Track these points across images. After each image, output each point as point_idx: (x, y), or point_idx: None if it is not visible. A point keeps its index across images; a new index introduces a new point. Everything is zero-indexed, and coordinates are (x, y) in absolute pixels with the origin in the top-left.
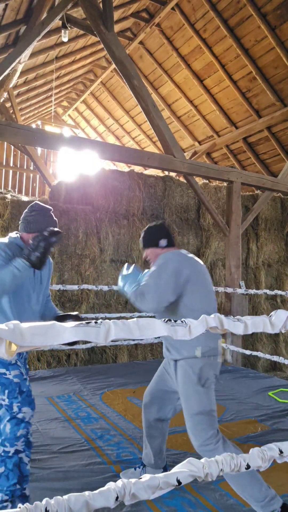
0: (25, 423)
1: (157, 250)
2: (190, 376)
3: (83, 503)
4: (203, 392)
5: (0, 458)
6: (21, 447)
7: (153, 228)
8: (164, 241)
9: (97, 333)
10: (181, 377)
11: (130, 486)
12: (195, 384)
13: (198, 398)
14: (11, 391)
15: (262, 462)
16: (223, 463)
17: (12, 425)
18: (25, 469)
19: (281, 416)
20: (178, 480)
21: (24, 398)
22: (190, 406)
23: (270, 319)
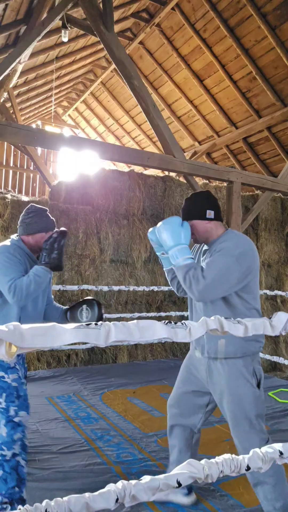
0: (21, 427)
1: (203, 224)
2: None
3: (83, 505)
4: (260, 394)
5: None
6: (18, 450)
7: (198, 196)
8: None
9: (97, 335)
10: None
11: (130, 487)
12: (251, 385)
13: (255, 400)
14: (9, 395)
15: (263, 463)
16: (223, 465)
17: (9, 428)
18: (22, 472)
19: (281, 416)
20: (178, 482)
21: (21, 402)
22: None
23: (271, 321)
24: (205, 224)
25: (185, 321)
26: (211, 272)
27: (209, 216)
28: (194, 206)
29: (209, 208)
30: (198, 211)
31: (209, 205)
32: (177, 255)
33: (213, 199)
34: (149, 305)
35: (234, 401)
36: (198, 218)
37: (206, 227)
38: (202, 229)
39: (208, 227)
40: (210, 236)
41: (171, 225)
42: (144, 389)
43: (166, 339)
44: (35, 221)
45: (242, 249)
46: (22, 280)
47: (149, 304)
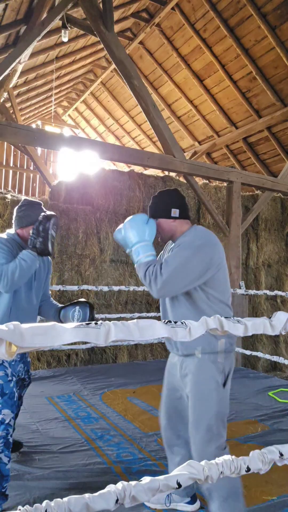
0: (5, 425)
1: (168, 222)
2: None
3: (83, 505)
4: (223, 394)
5: None
6: (0, 448)
7: (164, 195)
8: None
9: (97, 334)
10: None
11: (130, 488)
12: (216, 383)
13: (218, 400)
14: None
15: (263, 464)
16: (223, 466)
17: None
18: (5, 469)
19: (281, 416)
20: (178, 483)
21: (5, 400)
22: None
23: (270, 320)
24: (170, 223)
25: (185, 321)
26: (168, 267)
27: (174, 215)
28: (159, 204)
29: (174, 206)
30: (163, 210)
31: (174, 204)
32: (139, 251)
33: (178, 197)
34: (149, 305)
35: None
36: (163, 216)
37: (171, 226)
38: (167, 228)
39: (173, 226)
40: (175, 234)
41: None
42: (144, 389)
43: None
44: (27, 214)
45: (200, 242)
46: (9, 265)
47: (149, 304)
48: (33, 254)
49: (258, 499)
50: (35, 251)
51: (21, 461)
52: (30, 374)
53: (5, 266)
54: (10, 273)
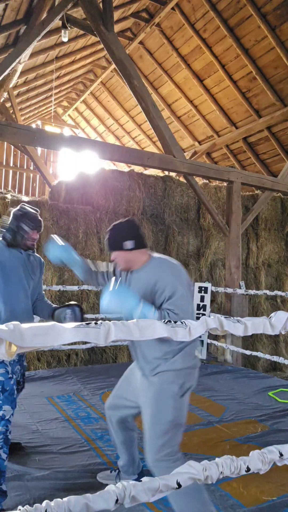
0: (4, 421)
1: (123, 254)
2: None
3: (83, 505)
4: (181, 402)
5: None
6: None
7: (117, 228)
8: (131, 243)
9: (97, 334)
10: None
11: (130, 488)
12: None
13: (175, 406)
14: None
15: (263, 465)
16: (223, 466)
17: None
18: (3, 465)
19: (281, 416)
20: (178, 483)
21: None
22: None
23: (270, 320)
24: (126, 255)
25: (185, 320)
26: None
27: (128, 247)
28: (113, 238)
29: (127, 238)
30: (118, 242)
31: (127, 236)
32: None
33: (132, 228)
34: None
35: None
36: (118, 249)
37: (128, 257)
38: (123, 260)
39: (130, 257)
40: (133, 265)
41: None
42: None
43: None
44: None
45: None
46: None
47: None
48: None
49: (258, 499)
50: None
51: (21, 462)
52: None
53: None
54: None
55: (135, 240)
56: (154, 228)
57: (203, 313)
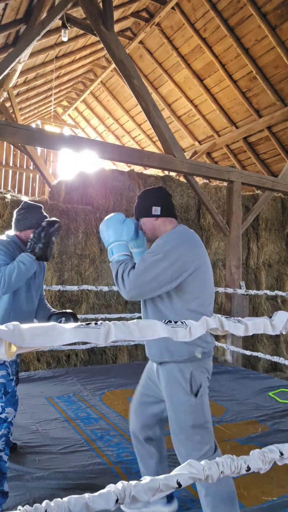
0: (7, 423)
1: (150, 221)
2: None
3: (83, 505)
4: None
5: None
6: (1, 446)
7: (146, 194)
8: (158, 209)
9: (97, 334)
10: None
11: (130, 488)
12: (186, 393)
13: (191, 410)
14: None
15: (263, 464)
16: (223, 465)
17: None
18: (4, 467)
19: (281, 416)
20: (179, 483)
21: (8, 399)
22: (180, 418)
23: (271, 320)
24: (153, 221)
25: (185, 320)
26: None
27: (155, 213)
28: (141, 203)
29: (155, 204)
30: (145, 208)
31: (155, 201)
32: (113, 251)
33: (161, 194)
34: None
35: (170, 409)
36: (145, 215)
37: (154, 224)
38: (149, 227)
39: (156, 224)
40: (158, 234)
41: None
42: None
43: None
44: (26, 218)
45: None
46: (7, 267)
47: None
48: (32, 257)
49: (258, 499)
50: (33, 255)
51: (21, 462)
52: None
53: (3, 268)
54: (7, 275)
55: (162, 207)
56: None
57: None
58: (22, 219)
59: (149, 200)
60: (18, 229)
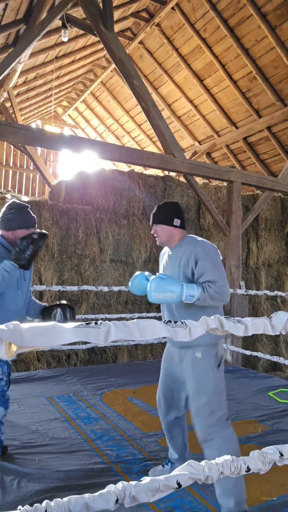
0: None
1: (170, 229)
2: (209, 361)
3: (83, 505)
4: (218, 373)
5: None
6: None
7: (168, 205)
8: (178, 221)
9: (97, 334)
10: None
11: (130, 488)
12: (213, 366)
13: (214, 378)
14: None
15: (263, 465)
16: (223, 466)
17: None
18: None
19: (281, 416)
20: (178, 483)
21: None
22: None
23: (271, 320)
24: (171, 230)
25: (185, 320)
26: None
27: (175, 224)
28: (163, 212)
29: (177, 217)
30: (167, 217)
31: (176, 214)
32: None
33: (180, 209)
34: (149, 305)
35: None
36: (166, 223)
37: (172, 232)
38: (168, 233)
39: (173, 233)
40: (173, 241)
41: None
42: (144, 389)
43: (166, 338)
44: (15, 217)
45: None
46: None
47: (149, 304)
48: (15, 266)
49: (258, 499)
50: (17, 264)
51: (21, 462)
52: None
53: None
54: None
55: (181, 220)
56: None
57: None
58: (12, 218)
59: (171, 211)
60: (5, 228)
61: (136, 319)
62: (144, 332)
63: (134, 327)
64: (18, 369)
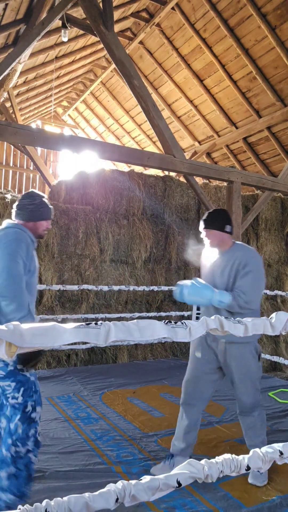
0: (35, 423)
1: (222, 235)
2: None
3: (83, 505)
4: (259, 364)
5: (11, 459)
6: (31, 447)
7: (219, 212)
8: (230, 228)
9: (97, 335)
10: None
11: (130, 487)
12: (255, 358)
13: (257, 368)
14: (27, 390)
15: (263, 464)
16: (223, 465)
17: (25, 425)
18: (32, 468)
19: (281, 416)
20: (178, 482)
21: (37, 398)
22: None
23: (271, 321)
24: (223, 235)
25: (185, 321)
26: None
27: (226, 230)
28: (217, 218)
29: (228, 224)
30: (220, 223)
31: (229, 221)
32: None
33: (230, 216)
34: (149, 305)
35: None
36: (218, 229)
37: (222, 237)
38: (218, 238)
39: (224, 238)
40: (223, 245)
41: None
42: (144, 389)
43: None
44: (38, 209)
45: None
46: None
47: (149, 304)
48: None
49: (258, 499)
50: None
51: None
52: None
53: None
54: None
55: (231, 227)
56: (154, 228)
57: None
58: (35, 210)
59: (223, 218)
60: (28, 219)
61: (136, 319)
62: (144, 332)
63: (134, 327)
64: None
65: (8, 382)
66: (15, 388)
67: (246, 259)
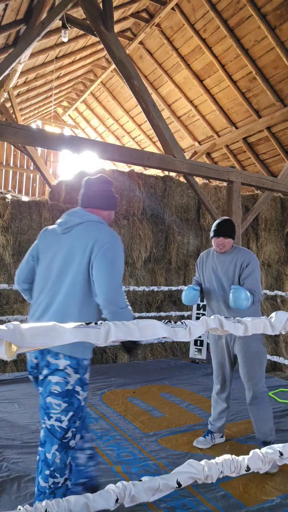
0: (72, 451)
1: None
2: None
3: (83, 505)
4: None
5: (49, 490)
6: (68, 475)
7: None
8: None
9: (97, 334)
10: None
11: (130, 488)
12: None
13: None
14: (74, 415)
15: (263, 464)
16: (223, 465)
17: (62, 454)
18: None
19: (281, 416)
20: (178, 482)
21: (80, 425)
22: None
23: (270, 320)
24: (232, 242)
25: (185, 321)
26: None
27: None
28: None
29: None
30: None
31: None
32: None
33: None
34: (149, 305)
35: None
36: (232, 237)
37: (232, 244)
38: (230, 244)
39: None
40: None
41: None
42: (144, 389)
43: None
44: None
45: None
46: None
47: (149, 304)
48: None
49: (258, 499)
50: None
51: (21, 462)
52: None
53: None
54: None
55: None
56: (154, 228)
57: (203, 313)
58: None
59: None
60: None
61: (136, 319)
62: (144, 332)
63: (134, 327)
64: (18, 369)
65: (59, 401)
66: (64, 410)
67: (248, 258)
